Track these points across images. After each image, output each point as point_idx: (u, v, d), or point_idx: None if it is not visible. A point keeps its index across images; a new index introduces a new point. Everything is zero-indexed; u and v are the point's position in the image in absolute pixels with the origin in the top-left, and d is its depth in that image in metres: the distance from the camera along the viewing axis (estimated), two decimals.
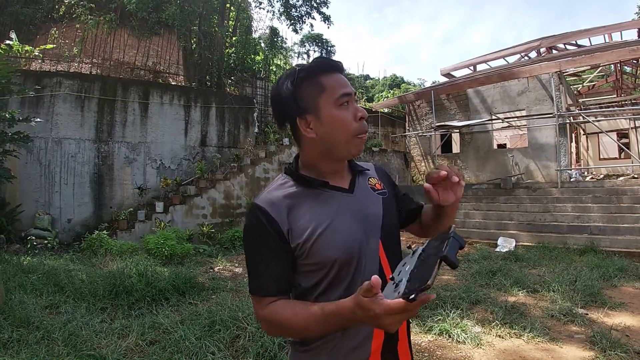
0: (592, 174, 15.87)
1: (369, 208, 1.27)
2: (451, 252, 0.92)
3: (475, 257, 8.61)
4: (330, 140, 1.21)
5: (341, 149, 1.22)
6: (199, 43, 14.56)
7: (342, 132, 1.19)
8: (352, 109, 1.20)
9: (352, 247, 1.17)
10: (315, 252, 1.15)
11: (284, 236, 1.16)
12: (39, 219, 9.63)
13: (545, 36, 18.94)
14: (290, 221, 1.17)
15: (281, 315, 1.13)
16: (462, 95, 16.89)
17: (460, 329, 4.34)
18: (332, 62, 1.26)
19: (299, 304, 1.14)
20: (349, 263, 1.16)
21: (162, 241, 8.06)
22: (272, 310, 1.14)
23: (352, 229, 1.19)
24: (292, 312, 1.11)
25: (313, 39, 29.41)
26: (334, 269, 1.16)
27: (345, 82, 1.22)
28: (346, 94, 1.19)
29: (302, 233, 1.16)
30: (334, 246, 1.15)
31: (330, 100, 1.19)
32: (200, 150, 12.69)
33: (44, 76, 10.56)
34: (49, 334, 3.90)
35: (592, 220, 10.18)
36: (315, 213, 1.19)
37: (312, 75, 1.21)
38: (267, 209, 1.17)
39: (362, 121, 1.21)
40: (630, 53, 12.53)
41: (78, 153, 10.63)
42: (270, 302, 1.16)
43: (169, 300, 5.23)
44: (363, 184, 1.32)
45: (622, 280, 6.72)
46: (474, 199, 13.60)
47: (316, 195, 1.23)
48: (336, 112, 1.19)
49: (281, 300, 1.16)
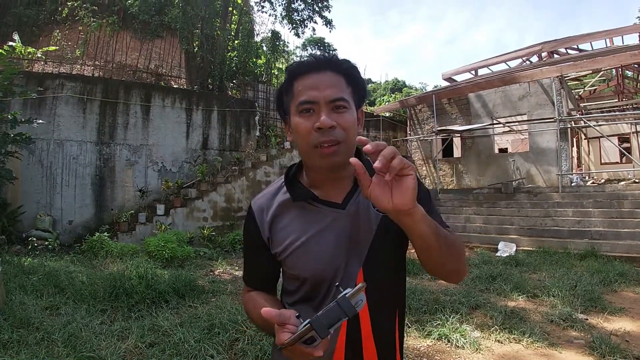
0: (593, 178, 15.84)
1: (359, 228, 1.15)
2: (320, 320, 0.87)
3: (475, 262, 8.60)
4: (299, 149, 1.16)
5: (307, 159, 1.17)
6: (201, 46, 14.61)
7: (301, 142, 1.12)
8: (315, 116, 1.09)
9: (325, 269, 1.12)
10: (290, 266, 1.17)
11: (264, 243, 1.21)
12: (40, 220, 9.65)
13: (546, 40, 18.92)
14: (272, 231, 1.19)
15: (247, 305, 1.27)
16: (464, 100, 16.91)
17: (460, 333, 4.33)
18: (304, 64, 1.16)
19: (260, 300, 1.20)
20: (320, 284, 1.13)
21: (162, 244, 8.06)
22: (246, 299, 1.29)
23: (329, 250, 1.12)
24: (252, 306, 1.22)
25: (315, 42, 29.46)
26: (305, 285, 1.16)
27: (315, 86, 1.10)
28: (305, 101, 1.10)
29: (279, 244, 1.17)
30: (304, 265, 1.14)
31: (294, 106, 1.13)
32: (201, 153, 12.71)
33: (47, 78, 10.59)
34: (49, 335, 3.89)
35: (593, 225, 10.16)
36: (295, 227, 1.16)
37: (288, 77, 1.17)
38: (255, 213, 1.22)
39: (323, 131, 1.07)
40: (632, 57, 12.51)
41: (80, 155, 10.65)
42: (249, 290, 1.31)
43: (168, 303, 5.22)
44: (362, 200, 1.16)
45: (623, 285, 6.71)
46: (475, 204, 13.61)
47: (302, 207, 1.18)
48: (297, 120, 1.12)
49: (256, 292, 1.28)
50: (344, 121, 1.09)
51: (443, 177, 17.44)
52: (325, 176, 1.17)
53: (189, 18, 14.02)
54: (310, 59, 1.16)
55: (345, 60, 1.17)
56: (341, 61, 1.16)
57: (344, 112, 1.10)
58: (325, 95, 1.09)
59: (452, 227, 8.23)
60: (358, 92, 1.18)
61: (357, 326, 1.12)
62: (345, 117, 1.10)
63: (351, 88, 1.16)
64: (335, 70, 1.14)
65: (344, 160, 1.07)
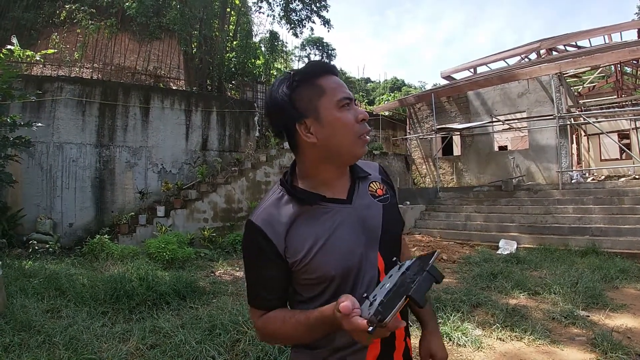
0: (593, 175, 15.88)
1: (368, 218, 1.24)
2: (419, 291, 0.89)
3: (476, 260, 8.62)
4: (333, 143, 1.18)
5: (344, 152, 1.20)
6: (200, 47, 14.61)
7: (345, 134, 1.17)
8: (353, 110, 1.19)
9: (351, 262, 1.16)
10: (314, 269, 1.16)
11: (281, 255, 1.17)
12: (40, 223, 9.65)
13: (545, 38, 18.93)
14: (288, 240, 1.17)
15: (273, 326, 1.19)
16: (463, 98, 16.93)
17: (461, 332, 4.33)
18: (328, 65, 1.25)
19: (288, 313, 1.19)
20: (348, 277, 1.16)
21: (163, 245, 8.06)
22: (265, 321, 1.21)
23: (350, 243, 1.18)
24: (281, 322, 1.17)
25: (313, 42, 29.43)
26: (333, 283, 1.16)
27: (344, 85, 1.22)
28: (347, 97, 1.19)
29: (299, 251, 1.16)
30: (331, 263, 1.15)
31: (331, 102, 1.17)
32: (201, 155, 12.71)
33: (45, 81, 10.58)
34: (50, 338, 3.90)
35: (594, 222, 10.16)
36: (312, 230, 1.18)
37: (309, 78, 1.19)
38: (263, 228, 1.18)
39: (364, 122, 1.20)
40: (630, 54, 12.53)
41: (79, 157, 10.65)
42: (264, 313, 1.23)
43: (169, 305, 5.23)
44: (363, 191, 1.29)
45: (624, 282, 6.71)
46: (475, 202, 13.62)
47: (311, 210, 1.20)
48: (338, 114, 1.17)
49: (274, 311, 1.22)
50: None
51: (443, 175, 17.46)
52: (341, 172, 1.27)
53: (187, 19, 14.01)
54: (324, 62, 1.28)
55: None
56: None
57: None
58: (351, 93, 1.23)
59: (452, 225, 8.23)
60: None
61: None
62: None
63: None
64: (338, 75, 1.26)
65: None
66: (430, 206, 14.35)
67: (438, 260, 8.93)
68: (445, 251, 9.98)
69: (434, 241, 11.43)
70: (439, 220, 13.22)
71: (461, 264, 8.62)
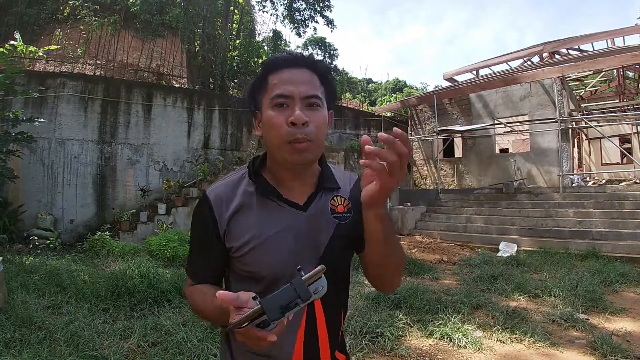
0: (594, 179, 15.88)
1: (317, 232, 1.17)
2: (271, 302, 0.86)
3: (476, 262, 8.64)
4: (268, 143, 1.15)
5: (276, 155, 1.14)
6: (203, 46, 14.61)
7: (273, 136, 1.11)
8: (288, 111, 1.09)
9: (283, 269, 1.11)
10: (247, 262, 1.15)
11: (220, 236, 1.16)
12: (41, 219, 9.65)
13: (548, 41, 18.98)
14: (230, 224, 1.15)
15: (194, 298, 1.21)
16: (465, 100, 16.95)
17: (462, 333, 4.35)
18: (280, 58, 1.16)
19: (209, 291, 1.15)
20: (277, 282, 1.10)
21: (164, 243, 8.06)
22: (191, 291, 1.23)
23: (290, 250, 1.13)
24: (202, 298, 1.17)
25: (316, 42, 29.36)
26: (261, 283, 1.13)
27: (290, 81, 1.11)
28: (280, 95, 1.09)
29: (237, 239, 1.15)
30: (265, 263, 1.13)
31: (267, 99, 1.13)
32: (203, 153, 12.72)
33: (48, 77, 10.59)
34: (51, 334, 3.89)
35: (594, 226, 10.19)
36: (256, 223, 1.15)
37: (263, 71, 1.16)
38: (212, 203, 1.17)
39: (296, 127, 1.07)
40: (633, 58, 12.53)
41: (81, 154, 10.65)
42: (194, 284, 1.24)
43: (171, 302, 5.21)
44: (323, 203, 1.19)
45: (624, 286, 6.75)
46: (476, 204, 13.62)
47: (265, 204, 1.17)
48: (269, 113, 1.11)
49: (203, 285, 1.22)
50: (316, 119, 1.10)
51: (444, 177, 17.46)
52: (291, 174, 1.18)
53: (191, 17, 14.03)
54: (286, 55, 1.17)
55: (320, 61, 1.19)
56: (316, 60, 1.17)
57: (317, 110, 1.12)
58: (300, 91, 1.10)
59: (452, 226, 8.26)
60: (330, 93, 1.19)
61: (314, 321, 1.15)
62: (318, 115, 1.11)
63: (324, 88, 1.17)
64: (311, 68, 1.15)
65: (314, 158, 1.15)
66: (430, 208, 14.35)
67: (437, 262, 8.94)
68: (445, 253, 10.02)
69: (434, 242, 11.43)
70: (439, 221, 13.23)
71: (461, 266, 8.64)
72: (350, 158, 14.82)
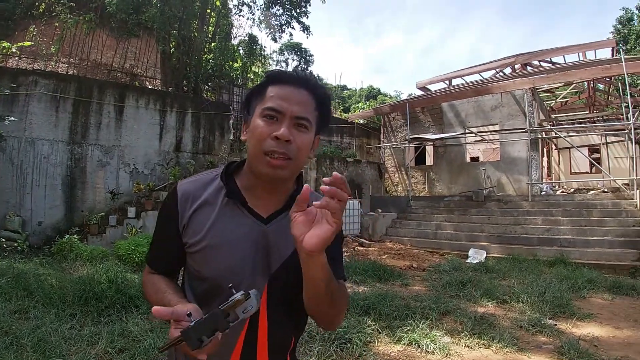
0: (563, 187, 16.38)
1: (273, 249, 1.17)
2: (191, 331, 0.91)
3: (446, 268, 8.78)
4: (249, 149, 1.16)
5: (253, 163, 1.15)
6: (178, 47, 14.55)
7: (253, 143, 1.13)
8: (275, 126, 1.10)
9: (227, 276, 1.10)
10: (195, 260, 1.17)
11: (179, 230, 1.19)
12: (9, 220, 9.47)
13: (520, 53, 19.36)
14: (191, 220, 1.18)
15: (147, 288, 1.26)
16: (437, 109, 17.29)
17: (430, 339, 4.41)
18: (285, 74, 1.18)
19: (163, 285, 1.20)
20: (219, 287, 1.11)
21: (133, 247, 8.02)
22: (147, 280, 1.28)
23: (238, 259, 1.14)
24: (155, 290, 1.21)
25: (292, 47, 29.51)
26: (204, 284, 1.16)
27: (286, 97, 1.13)
28: (272, 108, 1.11)
29: (192, 236, 1.16)
30: (212, 266, 1.14)
31: (260, 108, 1.14)
32: (174, 156, 12.68)
33: (20, 74, 10.41)
34: (18, 340, 3.87)
35: (562, 233, 10.50)
36: (214, 225, 1.16)
37: (265, 81, 1.18)
38: (179, 198, 1.20)
39: (278, 142, 1.08)
40: (603, 71, 12.96)
41: (51, 154, 10.50)
42: (151, 272, 1.29)
43: (139, 308, 5.21)
44: (287, 222, 1.04)
45: (591, 292, 6.97)
46: (446, 211, 13.93)
47: (229, 208, 1.18)
48: (258, 122, 1.13)
49: (158, 275, 1.27)
50: (300, 140, 1.12)
51: (415, 184, 17.76)
52: (263, 185, 1.18)
53: (167, 18, 13.91)
54: (292, 72, 1.19)
55: (322, 87, 1.21)
56: (319, 85, 1.19)
57: (303, 132, 1.14)
58: (292, 110, 1.12)
59: (423, 233, 8.39)
60: (323, 120, 1.22)
61: (254, 337, 1.15)
62: (303, 137, 1.13)
63: (318, 112, 1.19)
64: (311, 91, 1.17)
65: (288, 177, 1.17)
66: (401, 214, 14.61)
67: (407, 269, 9.11)
68: (415, 259, 10.19)
69: (405, 249, 11.66)
70: (410, 228, 13.49)
71: (431, 272, 8.76)
72: (323, 164, 14.93)
